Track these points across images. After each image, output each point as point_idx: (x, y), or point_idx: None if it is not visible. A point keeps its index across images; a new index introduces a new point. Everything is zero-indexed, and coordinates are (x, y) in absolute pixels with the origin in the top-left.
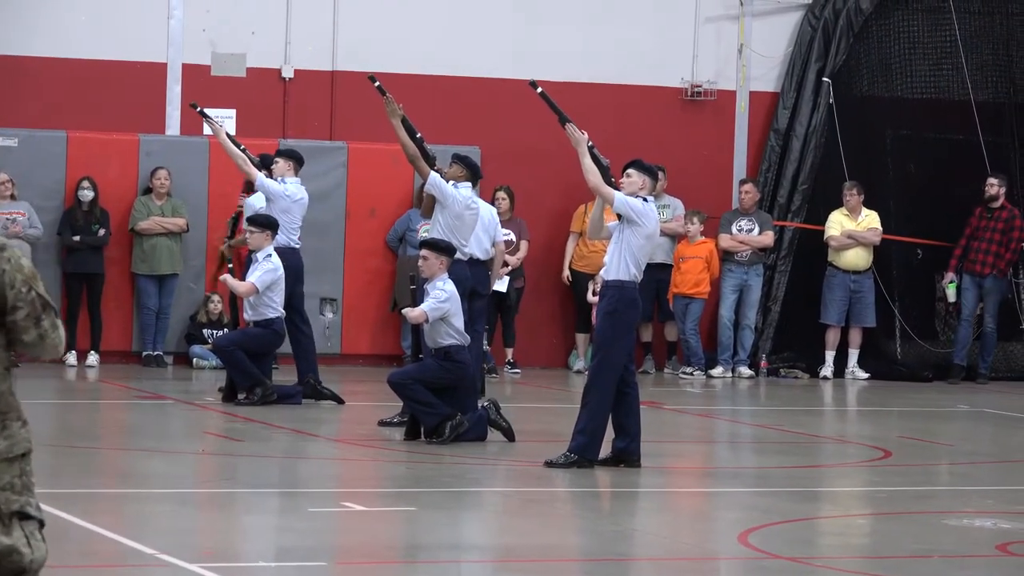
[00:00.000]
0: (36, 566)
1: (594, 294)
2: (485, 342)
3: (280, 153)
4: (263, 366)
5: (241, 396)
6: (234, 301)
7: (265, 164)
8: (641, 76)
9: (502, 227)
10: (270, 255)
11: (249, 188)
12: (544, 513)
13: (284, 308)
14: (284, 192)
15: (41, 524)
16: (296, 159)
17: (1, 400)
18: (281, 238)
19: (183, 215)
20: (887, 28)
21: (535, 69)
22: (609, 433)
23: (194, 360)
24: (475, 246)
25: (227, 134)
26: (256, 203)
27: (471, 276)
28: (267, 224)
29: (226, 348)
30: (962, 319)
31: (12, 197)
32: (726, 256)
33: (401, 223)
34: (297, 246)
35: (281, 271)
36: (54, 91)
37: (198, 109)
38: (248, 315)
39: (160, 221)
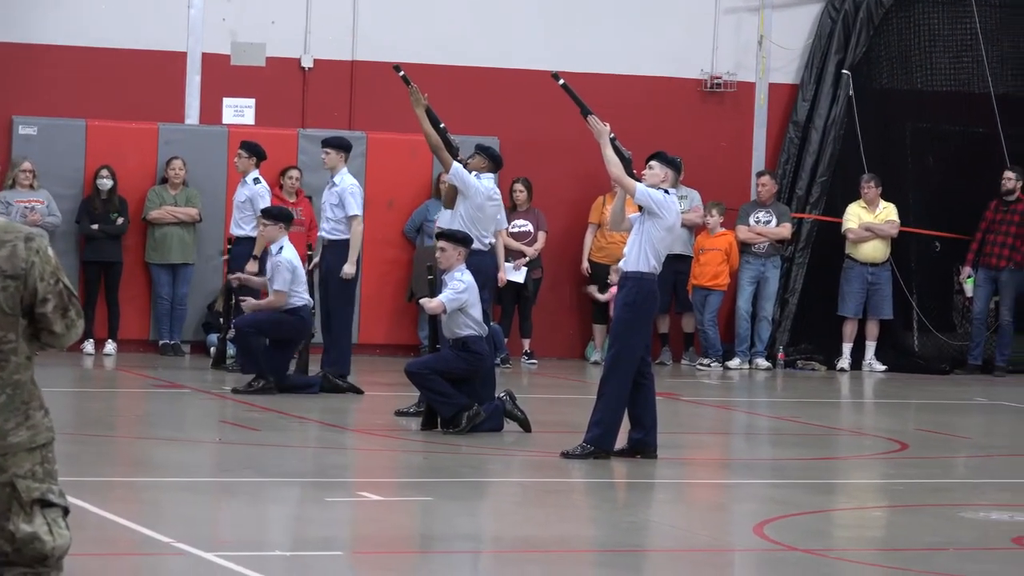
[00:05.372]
0: (58, 553)
1: (609, 285)
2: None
3: (327, 143)
4: (286, 353)
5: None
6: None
7: (256, 154)
8: (661, 68)
9: (520, 218)
10: (282, 247)
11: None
12: (560, 504)
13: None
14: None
15: (65, 512)
16: (344, 148)
17: (23, 389)
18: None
19: (197, 205)
20: (907, 20)
21: (555, 60)
22: (625, 424)
23: (211, 349)
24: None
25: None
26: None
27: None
28: (279, 216)
29: (243, 329)
30: (974, 319)
31: (31, 186)
32: (744, 248)
33: (419, 213)
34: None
35: (296, 263)
36: (73, 79)
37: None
38: None
39: (171, 210)
